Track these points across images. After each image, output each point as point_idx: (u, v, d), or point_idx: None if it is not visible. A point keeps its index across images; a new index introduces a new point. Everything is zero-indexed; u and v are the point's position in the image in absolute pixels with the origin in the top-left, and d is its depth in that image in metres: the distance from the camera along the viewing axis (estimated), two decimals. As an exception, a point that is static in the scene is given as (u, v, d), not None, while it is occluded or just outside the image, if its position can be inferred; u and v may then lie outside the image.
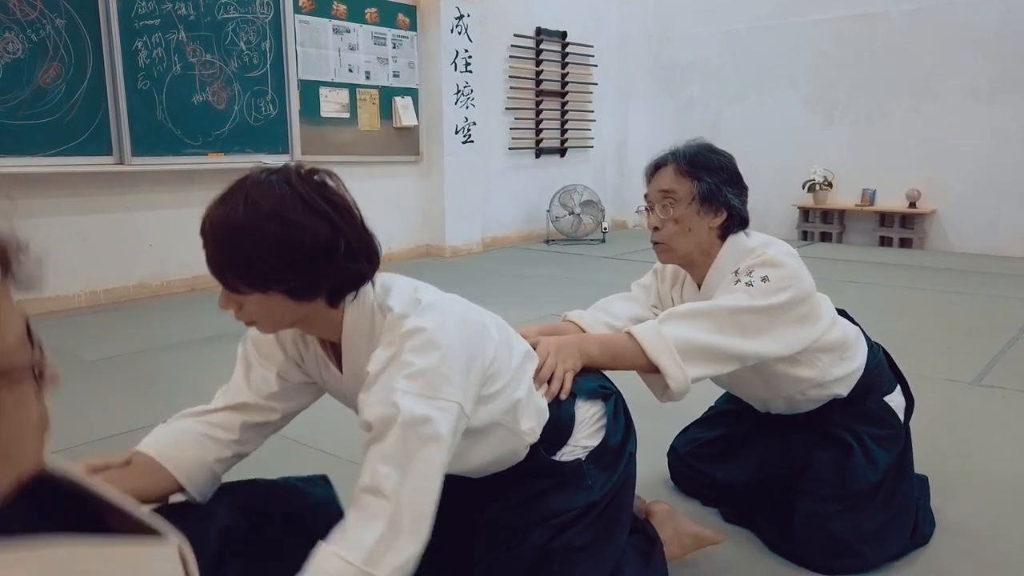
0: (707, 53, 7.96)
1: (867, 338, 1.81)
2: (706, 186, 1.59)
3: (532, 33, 7.26)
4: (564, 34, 7.54)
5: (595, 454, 1.38)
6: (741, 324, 1.50)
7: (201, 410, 1.34)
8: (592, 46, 7.86)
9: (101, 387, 3.03)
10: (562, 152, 7.77)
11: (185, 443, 1.28)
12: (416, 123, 6.25)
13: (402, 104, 6.12)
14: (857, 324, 1.81)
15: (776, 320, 1.52)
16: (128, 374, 3.20)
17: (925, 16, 6.67)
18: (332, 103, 5.69)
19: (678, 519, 1.67)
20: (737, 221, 1.64)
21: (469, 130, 6.54)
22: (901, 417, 1.79)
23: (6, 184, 4.16)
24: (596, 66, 7.96)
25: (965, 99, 6.59)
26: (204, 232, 1.10)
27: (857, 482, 1.67)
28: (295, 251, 1.08)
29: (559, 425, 1.35)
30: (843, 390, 1.72)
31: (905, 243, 6.97)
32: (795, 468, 1.74)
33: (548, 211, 7.28)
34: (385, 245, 7.07)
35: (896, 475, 1.73)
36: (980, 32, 6.45)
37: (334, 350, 1.28)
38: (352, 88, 5.81)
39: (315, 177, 1.12)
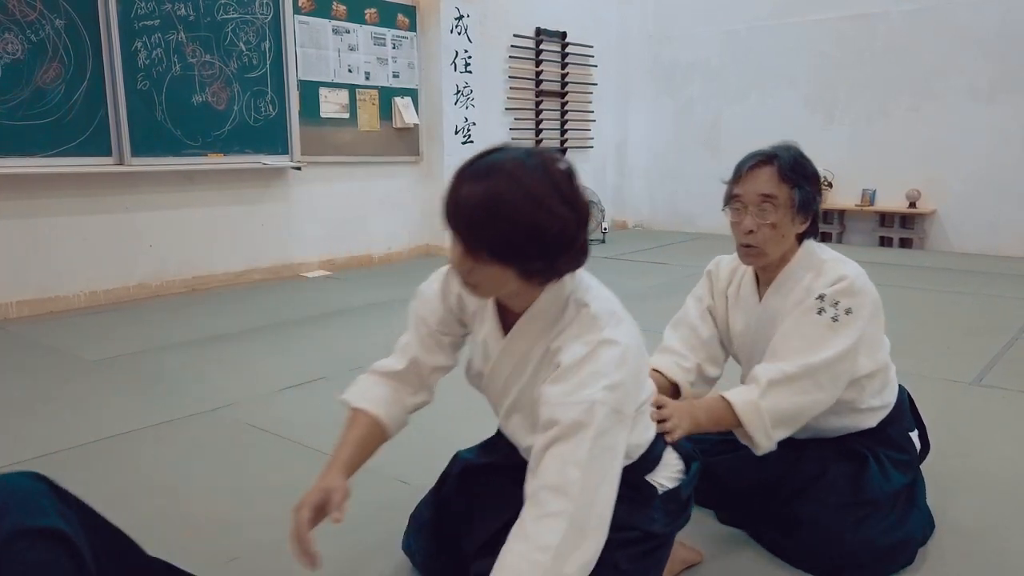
0: (707, 53, 7.96)
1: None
2: (805, 194, 1.63)
3: (532, 33, 7.26)
4: (564, 34, 7.53)
5: (668, 495, 1.43)
6: (836, 374, 1.59)
7: (389, 371, 1.45)
8: (592, 46, 7.86)
9: (101, 387, 3.04)
10: (562, 152, 7.76)
11: (390, 402, 1.42)
12: (416, 123, 6.25)
13: (402, 104, 6.12)
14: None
15: (857, 352, 1.61)
16: (128, 374, 3.20)
17: (925, 16, 6.67)
18: (332, 103, 5.69)
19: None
20: (815, 229, 1.69)
21: (469, 130, 6.54)
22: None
23: (6, 184, 4.16)
24: (596, 66, 7.96)
25: (965, 99, 6.59)
26: (461, 199, 1.14)
27: (871, 490, 1.67)
28: (545, 237, 1.14)
29: (647, 459, 1.40)
30: (872, 421, 1.76)
31: (905, 243, 6.97)
32: (805, 476, 1.73)
33: (548, 211, 7.27)
34: (385, 245, 7.04)
35: (908, 499, 1.73)
36: (980, 32, 6.45)
37: (502, 315, 1.34)
38: (352, 88, 5.81)
39: (564, 168, 1.18)
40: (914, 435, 1.86)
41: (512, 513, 1.24)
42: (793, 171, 1.62)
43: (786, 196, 1.61)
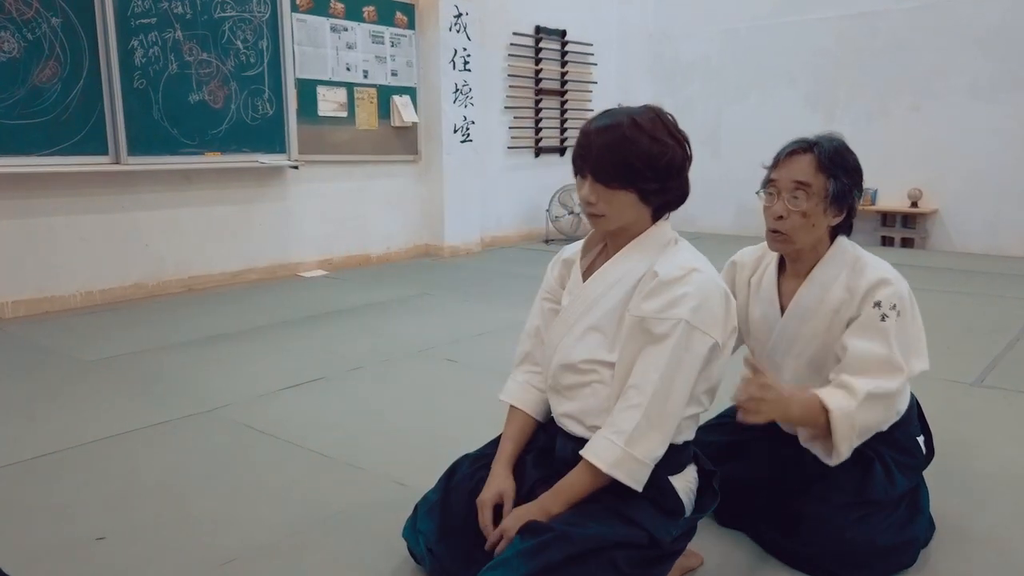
0: (707, 52, 7.95)
1: None
2: (841, 186, 1.62)
3: (531, 31, 7.24)
4: (563, 32, 7.52)
5: (690, 519, 1.50)
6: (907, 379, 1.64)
7: (522, 356, 1.70)
8: (592, 44, 7.85)
9: (98, 387, 3.02)
10: (561, 151, 7.75)
11: (528, 390, 1.66)
12: (415, 122, 6.24)
13: (400, 103, 6.10)
14: None
15: (913, 345, 1.67)
16: (126, 374, 3.19)
17: (925, 14, 6.66)
18: (330, 102, 5.68)
19: None
20: (850, 224, 1.69)
21: (468, 129, 6.53)
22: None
23: (2, 183, 4.14)
24: (596, 65, 7.95)
25: (966, 98, 6.58)
26: (591, 141, 1.41)
27: (874, 491, 1.65)
28: (659, 162, 1.40)
29: (674, 458, 1.47)
30: (885, 425, 1.73)
31: (907, 243, 6.95)
32: (809, 475, 1.71)
33: (547, 210, 7.26)
34: (384, 245, 7.01)
35: (911, 503, 1.72)
36: (981, 30, 6.44)
37: (585, 273, 1.57)
38: (350, 87, 5.79)
39: (668, 115, 1.46)
40: (920, 440, 1.84)
41: (521, 494, 1.33)
42: (831, 161, 1.61)
43: (821, 185, 1.61)
